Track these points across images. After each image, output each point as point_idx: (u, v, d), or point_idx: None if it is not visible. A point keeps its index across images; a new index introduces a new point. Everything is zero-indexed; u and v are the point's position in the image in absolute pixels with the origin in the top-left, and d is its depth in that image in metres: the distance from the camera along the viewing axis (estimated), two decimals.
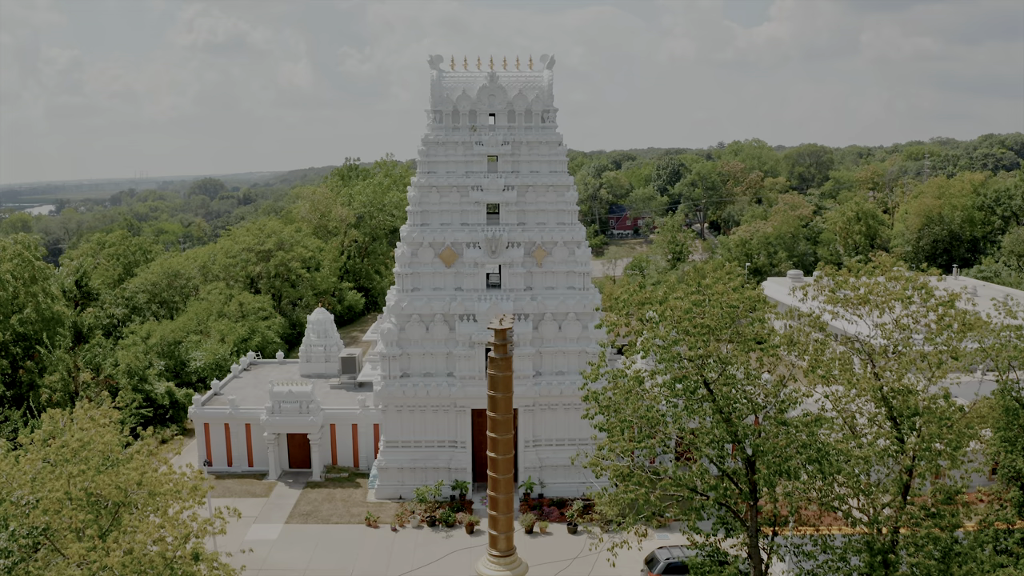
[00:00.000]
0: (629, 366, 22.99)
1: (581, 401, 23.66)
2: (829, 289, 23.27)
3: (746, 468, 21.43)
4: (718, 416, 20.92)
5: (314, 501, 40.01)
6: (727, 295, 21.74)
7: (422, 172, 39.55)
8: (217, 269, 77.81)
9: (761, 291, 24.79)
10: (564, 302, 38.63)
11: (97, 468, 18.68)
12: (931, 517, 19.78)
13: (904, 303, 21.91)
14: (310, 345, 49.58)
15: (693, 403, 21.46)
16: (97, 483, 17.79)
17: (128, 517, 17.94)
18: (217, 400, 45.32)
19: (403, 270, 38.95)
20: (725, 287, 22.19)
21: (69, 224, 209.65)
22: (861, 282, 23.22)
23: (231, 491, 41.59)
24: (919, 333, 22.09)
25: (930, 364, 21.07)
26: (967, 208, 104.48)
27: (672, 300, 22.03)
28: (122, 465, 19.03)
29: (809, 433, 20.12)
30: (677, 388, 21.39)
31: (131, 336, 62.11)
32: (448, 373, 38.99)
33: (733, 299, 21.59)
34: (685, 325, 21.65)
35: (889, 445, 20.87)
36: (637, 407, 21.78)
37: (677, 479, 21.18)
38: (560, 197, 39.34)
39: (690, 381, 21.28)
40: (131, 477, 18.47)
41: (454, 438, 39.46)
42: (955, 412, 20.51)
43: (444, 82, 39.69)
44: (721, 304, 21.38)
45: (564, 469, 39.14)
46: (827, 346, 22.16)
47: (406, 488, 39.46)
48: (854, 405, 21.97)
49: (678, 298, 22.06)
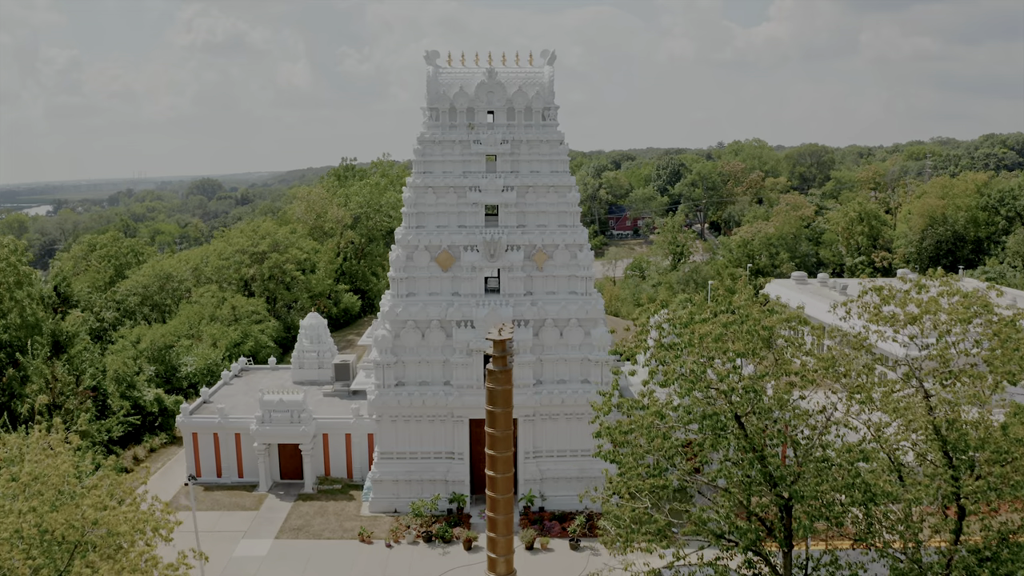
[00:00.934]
0: (647, 395, 20.95)
1: (593, 437, 21.46)
2: (874, 306, 21.13)
3: (781, 512, 19.60)
4: (751, 455, 19.09)
5: (306, 515, 38.47)
6: (762, 317, 19.83)
7: (418, 172, 38.02)
8: (210, 271, 76.22)
9: (800, 311, 22.58)
10: (566, 308, 37.09)
11: (52, 503, 17.06)
12: (987, 561, 18.03)
13: (962, 323, 19.57)
14: (303, 351, 48.05)
15: (721, 439, 19.50)
16: (48, 521, 16.18)
17: (79, 562, 16.28)
18: (206, 408, 43.76)
19: (398, 274, 37.40)
20: (759, 307, 20.28)
21: (65, 225, 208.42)
22: (911, 298, 20.97)
23: (220, 504, 40.06)
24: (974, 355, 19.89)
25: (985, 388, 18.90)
26: (971, 208, 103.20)
27: (699, 324, 20.05)
28: (79, 500, 17.34)
29: (854, 473, 18.23)
30: (705, 424, 19.39)
31: (121, 341, 60.63)
32: (445, 382, 37.44)
33: (771, 322, 19.73)
34: (713, 352, 19.65)
35: (942, 485, 18.75)
36: (659, 445, 19.81)
37: (702, 523, 19.27)
38: (561, 198, 37.81)
39: (719, 417, 19.34)
40: (87, 515, 16.81)
41: (451, 449, 37.91)
42: (1019, 447, 18.16)
43: (441, 78, 38.15)
44: (756, 329, 19.48)
45: (566, 481, 37.62)
46: (873, 371, 20.20)
47: (401, 501, 37.92)
48: (900, 436, 20.08)
49: (704, 319, 20.13)
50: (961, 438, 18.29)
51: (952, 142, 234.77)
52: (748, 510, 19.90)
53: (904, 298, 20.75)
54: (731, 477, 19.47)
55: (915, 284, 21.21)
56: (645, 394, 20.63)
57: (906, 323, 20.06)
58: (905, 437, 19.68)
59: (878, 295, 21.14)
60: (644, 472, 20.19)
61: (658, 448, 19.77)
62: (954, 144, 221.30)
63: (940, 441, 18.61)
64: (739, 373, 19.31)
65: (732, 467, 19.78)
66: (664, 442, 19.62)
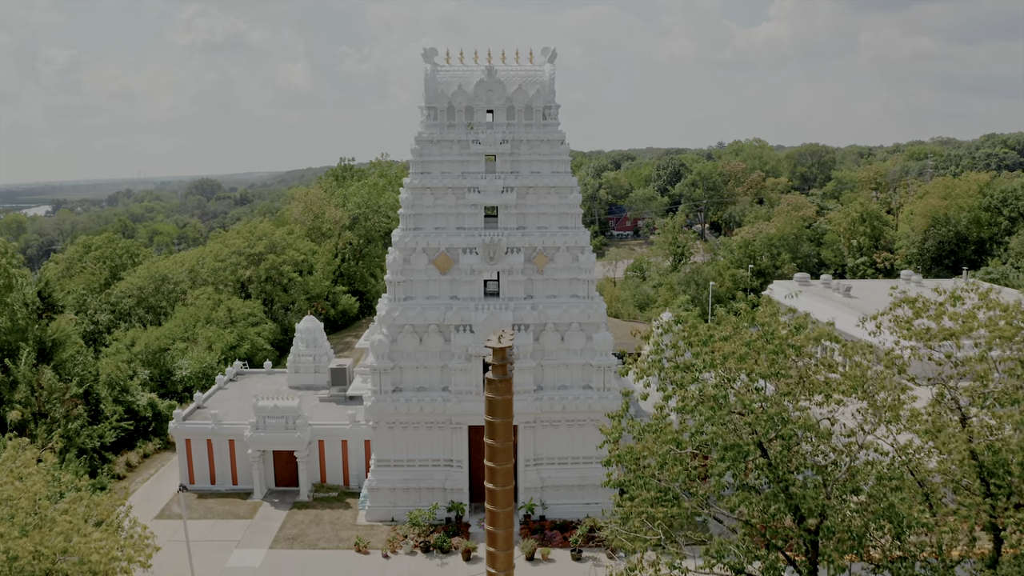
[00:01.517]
0: (661, 418, 19.63)
1: (602, 465, 20.21)
2: (907, 320, 19.81)
3: (807, 547, 18.40)
4: (776, 486, 17.95)
5: (301, 524, 37.56)
6: (790, 334, 18.60)
7: (415, 172, 37.11)
8: (206, 273, 75.25)
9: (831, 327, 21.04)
10: (567, 311, 36.18)
11: (22, 528, 16.07)
12: None
13: (1003, 340, 18.18)
14: (298, 355, 47.14)
15: (741, 466, 18.20)
16: (15, 548, 15.21)
17: None
18: (200, 414, 42.85)
19: (395, 277, 36.48)
20: (784, 324, 19.01)
21: (64, 225, 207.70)
22: (947, 311, 19.57)
23: (213, 512, 39.16)
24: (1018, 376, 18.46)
25: None
26: (973, 209, 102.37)
27: (719, 342, 18.79)
28: (49, 525, 16.33)
29: (888, 505, 17.10)
30: (726, 454, 17.98)
31: (115, 344, 59.73)
32: (443, 387, 36.53)
33: (800, 340, 18.58)
34: (735, 374, 18.24)
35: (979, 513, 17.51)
36: (675, 474, 18.52)
37: (719, 555, 18.09)
38: (563, 199, 36.90)
39: (743, 446, 18.03)
40: (56, 544, 15.79)
41: (450, 457, 37.00)
42: None
43: (439, 77, 37.23)
44: (783, 347, 18.29)
45: (567, 489, 36.76)
46: (906, 390, 19.01)
47: (398, 510, 37.01)
48: (933, 461, 18.90)
49: (725, 337, 18.91)
50: (1000, 463, 17.14)
51: (952, 142, 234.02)
52: (769, 543, 18.64)
53: (939, 311, 19.56)
54: (751, 506, 18.31)
55: (950, 296, 19.98)
56: (659, 418, 19.53)
57: (942, 339, 18.87)
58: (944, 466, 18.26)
59: (911, 308, 19.87)
60: (656, 498, 18.98)
61: (674, 478, 18.57)
62: (955, 144, 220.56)
63: (977, 467, 17.49)
64: (765, 398, 18.09)
65: (751, 494, 18.49)
66: (680, 470, 18.44)
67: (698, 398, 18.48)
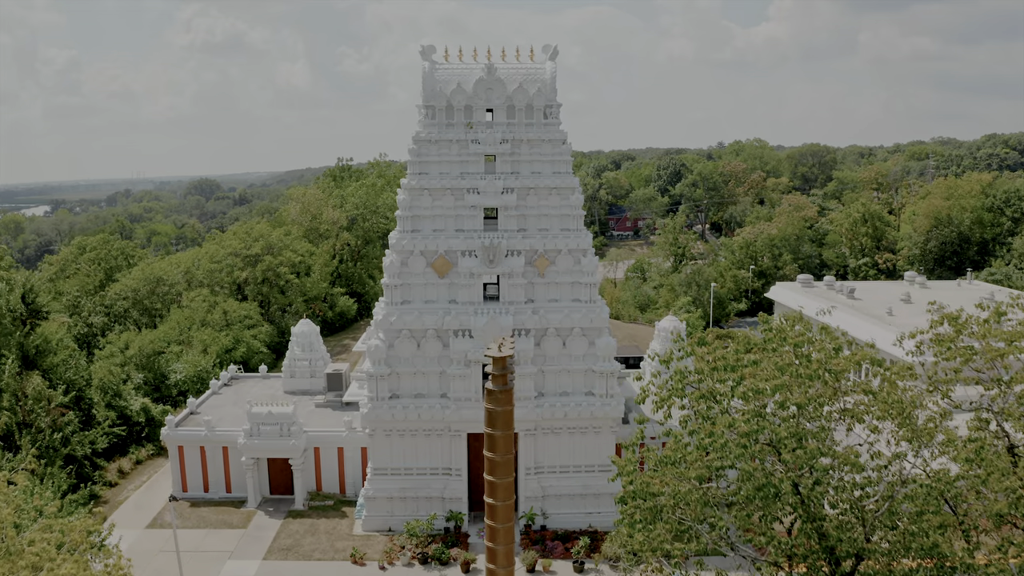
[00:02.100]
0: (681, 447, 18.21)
1: (616, 502, 19.06)
2: (949, 339, 18.06)
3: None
4: (809, 526, 16.80)
5: (296, 533, 36.61)
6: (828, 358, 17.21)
7: (413, 173, 36.15)
8: (201, 275, 74.19)
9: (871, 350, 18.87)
10: (569, 316, 35.22)
11: None
12: None
13: None
14: (294, 359, 46.16)
15: (775, 509, 16.82)
16: None
17: None
18: (193, 420, 41.88)
19: (392, 281, 35.51)
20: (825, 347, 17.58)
21: (61, 226, 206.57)
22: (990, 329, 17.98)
23: (206, 521, 38.21)
24: None
25: None
26: (976, 209, 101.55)
27: (750, 368, 17.42)
28: (14, 558, 15.32)
29: (931, 545, 15.94)
30: (757, 494, 16.61)
31: (108, 347, 58.75)
32: (442, 394, 35.59)
33: (840, 365, 17.29)
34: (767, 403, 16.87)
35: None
36: (697, 513, 17.21)
37: None
38: (564, 200, 35.95)
39: (776, 485, 16.58)
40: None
41: (448, 465, 36.04)
42: None
43: (437, 75, 36.26)
44: (819, 373, 16.99)
45: (569, 499, 35.82)
46: (948, 416, 17.75)
47: (396, 519, 36.06)
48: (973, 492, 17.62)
49: (754, 361, 17.60)
50: None
51: (953, 142, 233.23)
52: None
53: (984, 330, 18.23)
54: (779, 550, 17.03)
55: (994, 312, 18.64)
56: (676, 448, 18.22)
57: (990, 359, 17.62)
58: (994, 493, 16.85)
59: (953, 325, 18.44)
60: (673, 533, 17.71)
61: (696, 517, 17.31)
62: (955, 144, 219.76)
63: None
64: (802, 432, 16.68)
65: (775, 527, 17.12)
66: (704, 509, 17.19)
67: (726, 436, 17.00)
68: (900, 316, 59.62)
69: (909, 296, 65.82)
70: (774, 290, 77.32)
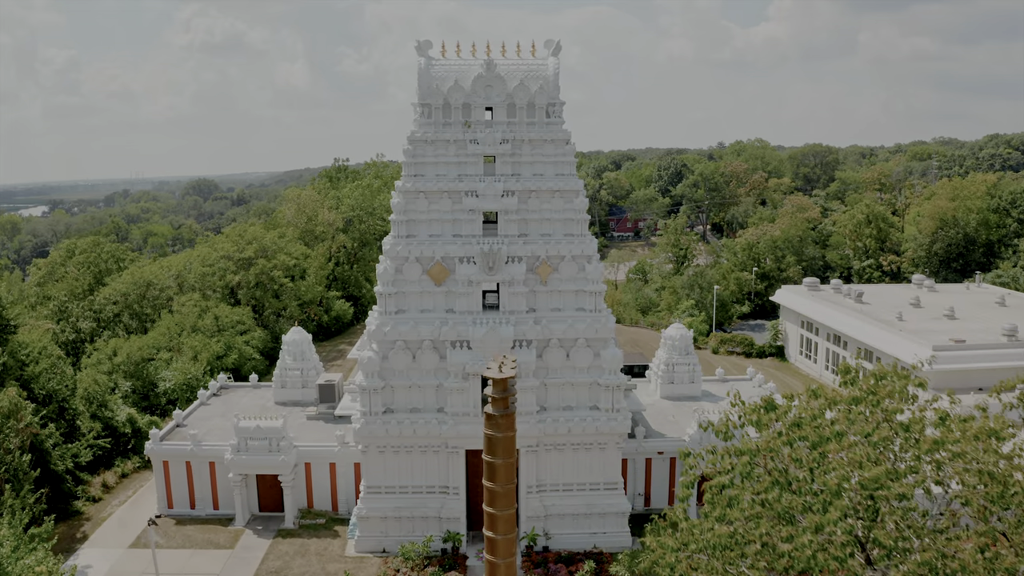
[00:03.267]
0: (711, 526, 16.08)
1: None
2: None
3: None
4: None
5: (285, 555, 34.78)
6: (911, 422, 15.00)
7: (408, 175, 34.32)
8: (193, 279, 72.31)
9: (953, 396, 16.72)
10: (573, 326, 33.37)
11: None
12: None
13: None
14: (285, 369, 44.34)
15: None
16: None
17: None
18: (179, 433, 40.06)
19: (386, 289, 33.67)
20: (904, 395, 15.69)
21: (57, 226, 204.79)
22: None
23: (191, 540, 36.40)
24: None
25: None
26: (981, 210, 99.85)
27: (832, 443, 15.05)
28: None
29: None
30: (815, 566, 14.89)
31: (96, 354, 56.91)
32: (438, 408, 33.76)
33: (917, 421, 14.99)
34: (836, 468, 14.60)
35: None
36: None
37: None
38: (568, 204, 34.12)
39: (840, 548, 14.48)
40: None
41: (445, 483, 34.21)
42: None
43: (433, 71, 34.42)
44: (903, 434, 14.96)
45: (572, 519, 34.00)
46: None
47: (390, 540, 34.23)
48: None
49: (839, 434, 15.15)
50: None
51: (954, 142, 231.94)
52: None
53: None
54: None
55: None
56: (709, 526, 16.03)
57: None
58: None
59: None
60: None
61: None
62: (957, 144, 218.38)
63: None
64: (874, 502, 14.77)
65: None
66: None
67: (787, 514, 15.00)
68: (910, 321, 57.94)
69: (918, 300, 64.14)
70: (780, 293, 75.60)
